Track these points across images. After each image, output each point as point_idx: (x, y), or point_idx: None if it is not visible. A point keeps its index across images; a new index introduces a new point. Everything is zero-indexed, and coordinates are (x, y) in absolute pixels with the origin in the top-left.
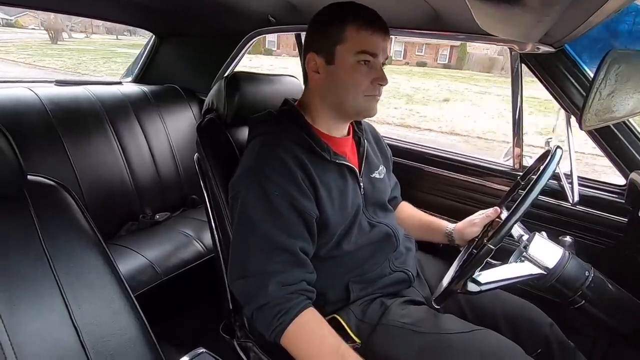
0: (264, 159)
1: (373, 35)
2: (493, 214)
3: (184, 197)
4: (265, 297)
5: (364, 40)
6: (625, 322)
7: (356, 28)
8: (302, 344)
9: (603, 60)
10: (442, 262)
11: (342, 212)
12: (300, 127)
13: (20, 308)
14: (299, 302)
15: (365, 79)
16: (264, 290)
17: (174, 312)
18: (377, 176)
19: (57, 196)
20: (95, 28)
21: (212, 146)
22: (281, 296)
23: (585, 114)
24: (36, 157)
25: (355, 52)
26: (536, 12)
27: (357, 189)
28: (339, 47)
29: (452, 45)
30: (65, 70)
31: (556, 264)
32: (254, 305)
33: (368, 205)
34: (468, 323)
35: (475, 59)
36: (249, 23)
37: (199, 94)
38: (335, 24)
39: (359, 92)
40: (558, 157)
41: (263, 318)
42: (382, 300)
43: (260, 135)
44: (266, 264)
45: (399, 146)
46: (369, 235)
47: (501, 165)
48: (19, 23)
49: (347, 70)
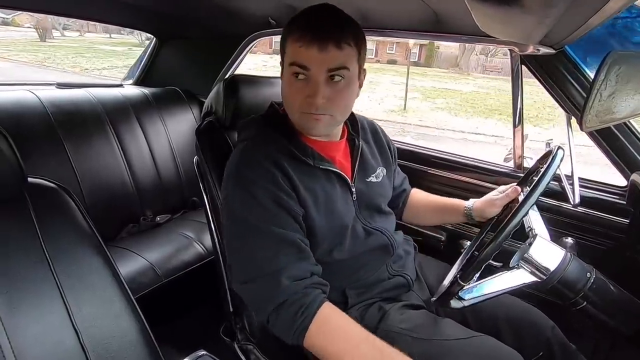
0: (245, 164)
1: (304, 46)
2: (513, 193)
3: (184, 199)
4: (280, 295)
5: (296, 51)
6: (627, 323)
7: (295, 38)
8: (327, 341)
9: (603, 62)
10: (443, 263)
11: (328, 217)
12: (282, 133)
13: (21, 310)
14: (316, 296)
15: (298, 94)
16: (277, 289)
17: (174, 314)
18: (374, 179)
19: (58, 198)
20: (91, 27)
21: (211, 149)
22: (297, 291)
23: (586, 115)
24: (37, 159)
25: (289, 63)
26: (536, 14)
27: (347, 195)
28: (285, 59)
29: (422, 44)
30: (32, 62)
31: (558, 266)
32: (270, 306)
33: (362, 209)
34: (467, 329)
35: (444, 56)
36: (250, 26)
37: (200, 96)
38: (284, 35)
39: (295, 108)
40: (559, 158)
41: (282, 319)
42: (381, 304)
43: (243, 141)
44: (274, 261)
45: (401, 148)
46: (364, 242)
47: (502, 166)
48: (15, 22)
49: (285, 84)
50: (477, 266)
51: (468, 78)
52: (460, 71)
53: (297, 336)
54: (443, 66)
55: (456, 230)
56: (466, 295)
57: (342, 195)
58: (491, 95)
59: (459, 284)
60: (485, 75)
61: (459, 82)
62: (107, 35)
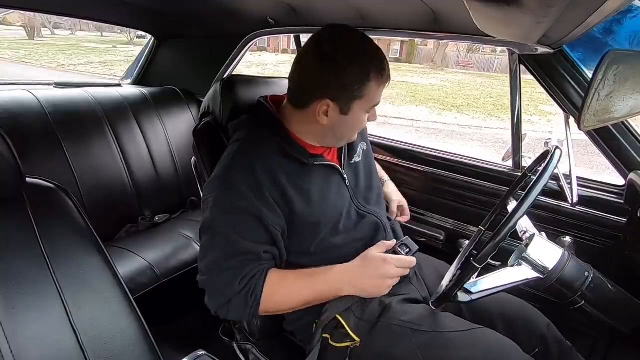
0: (234, 168)
1: (382, 86)
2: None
3: (183, 199)
4: (231, 292)
5: (378, 94)
6: (625, 322)
7: (376, 85)
8: (278, 305)
9: (601, 61)
10: (441, 263)
11: (323, 209)
12: (275, 132)
13: (19, 311)
14: (260, 272)
15: (365, 122)
16: (231, 288)
17: (173, 314)
18: (357, 159)
19: (56, 198)
20: (84, 25)
21: (208, 149)
22: (245, 284)
23: (584, 115)
24: (35, 159)
25: (370, 106)
26: (534, 14)
27: (341, 183)
28: (357, 102)
29: (403, 41)
30: (13, 59)
31: (556, 265)
32: (222, 300)
33: (356, 192)
34: (467, 322)
35: (424, 53)
36: (248, 25)
37: (198, 96)
38: (360, 80)
39: (355, 132)
40: (557, 157)
41: (236, 307)
42: (381, 298)
43: (235, 142)
44: (229, 262)
45: (399, 147)
46: (359, 225)
47: (500, 166)
48: (7, 20)
49: (356, 120)
50: (475, 266)
51: (439, 73)
52: (435, 66)
53: (253, 313)
54: (423, 62)
55: (455, 230)
56: (472, 289)
57: (336, 185)
58: (446, 88)
59: (457, 286)
60: (457, 70)
61: (425, 77)
62: (99, 34)
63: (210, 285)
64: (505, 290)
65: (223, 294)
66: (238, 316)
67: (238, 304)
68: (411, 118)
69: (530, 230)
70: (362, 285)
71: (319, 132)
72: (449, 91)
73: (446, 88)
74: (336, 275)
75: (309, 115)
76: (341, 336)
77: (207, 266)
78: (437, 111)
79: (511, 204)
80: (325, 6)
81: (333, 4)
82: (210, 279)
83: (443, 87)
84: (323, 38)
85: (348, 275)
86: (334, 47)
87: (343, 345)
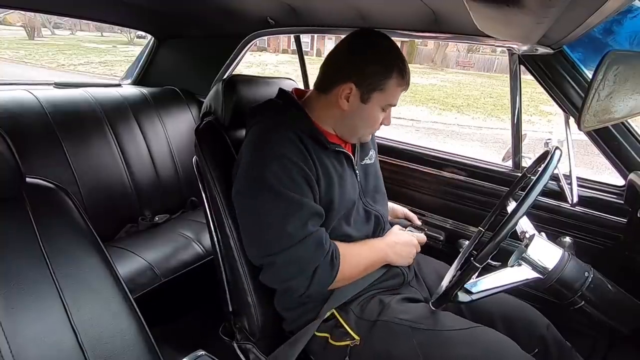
0: (274, 140)
1: (402, 90)
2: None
3: (183, 199)
4: (319, 256)
5: (397, 94)
6: (625, 322)
7: (396, 84)
8: (347, 268)
9: (602, 61)
10: (441, 263)
11: (340, 193)
12: (299, 116)
13: (19, 311)
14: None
15: (379, 121)
16: (320, 251)
17: (173, 314)
18: (368, 161)
19: (56, 198)
20: (84, 25)
21: (210, 149)
22: (329, 245)
23: (584, 115)
24: (35, 159)
25: (387, 103)
26: (535, 14)
27: (354, 178)
28: (376, 94)
29: (403, 41)
30: (13, 59)
31: (556, 265)
32: (308, 271)
33: (364, 189)
34: (467, 320)
35: (424, 53)
36: (248, 25)
37: (198, 96)
38: (382, 73)
39: (368, 130)
40: (557, 158)
41: (322, 274)
42: (381, 297)
43: (260, 122)
44: (307, 228)
45: (399, 147)
46: (363, 222)
47: (500, 166)
48: (7, 20)
49: (372, 113)
50: (475, 266)
51: (440, 73)
52: (435, 66)
53: (334, 279)
54: (423, 62)
55: (455, 230)
56: (473, 289)
57: (350, 178)
58: (446, 88)
59: (457, 286)
60: (457, 71)
61: (425, 77)
62: (99, 34)
63: (290, 259)
64: (505, 290)
65: (310, 261)
66: (322, 284)
67: (325, 269)
68: (411, 118)
69: (530, 230)
70: (401, 252)
71: (338, 117)
72: (449, 91)
73: (446, 88)
74: (382, 244)
75: (331, 98)
76: (341, 335)
77: (278, 242)
78: (437, 111)
79: (511, 204)
80: (326, 6)
81: (333, 4)
82: (290, 254)
83: (443, 87)
84: (355, 37)
85: (391, 245)
86: (365, 43)
87: (343, 344)
